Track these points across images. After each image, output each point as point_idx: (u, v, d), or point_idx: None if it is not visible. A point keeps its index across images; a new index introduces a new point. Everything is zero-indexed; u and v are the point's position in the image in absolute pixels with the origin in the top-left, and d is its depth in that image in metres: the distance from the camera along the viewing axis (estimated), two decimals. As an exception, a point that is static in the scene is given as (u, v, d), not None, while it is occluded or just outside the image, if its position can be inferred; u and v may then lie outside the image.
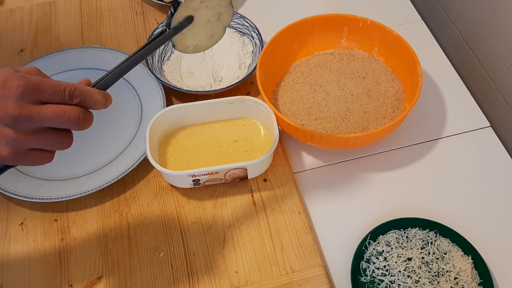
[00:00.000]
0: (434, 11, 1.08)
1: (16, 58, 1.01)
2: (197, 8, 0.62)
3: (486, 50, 0.92)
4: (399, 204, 0.80)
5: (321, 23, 0.92)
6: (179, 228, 0.78)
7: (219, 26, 0.66)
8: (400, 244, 0.74)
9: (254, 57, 0.95)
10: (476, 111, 0.91)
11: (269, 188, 0.81)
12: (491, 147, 0.86)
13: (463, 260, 0.72)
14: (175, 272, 0.74)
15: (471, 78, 0.99)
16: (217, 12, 0.65)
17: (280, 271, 0.73)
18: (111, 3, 1.10)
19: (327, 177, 0.84)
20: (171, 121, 0.84)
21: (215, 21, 0.65)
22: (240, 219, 0.78)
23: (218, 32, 0.67)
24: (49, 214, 0.80)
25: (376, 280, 0.71)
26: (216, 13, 0.64)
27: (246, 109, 0.84)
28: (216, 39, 0.67)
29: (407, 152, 0.86)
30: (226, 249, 0.76)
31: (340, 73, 0.92)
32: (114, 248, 0.76)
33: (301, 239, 0.76)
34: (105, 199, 0.81)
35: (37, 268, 0.75)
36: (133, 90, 0.93)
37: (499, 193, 0.81)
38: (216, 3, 0.64)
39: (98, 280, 0.74)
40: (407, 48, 0.86)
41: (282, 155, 0.85)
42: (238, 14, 0.99)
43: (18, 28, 1.07)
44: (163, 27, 0.76)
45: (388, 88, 0.89)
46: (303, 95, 0.89)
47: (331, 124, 0.85)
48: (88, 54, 0.98)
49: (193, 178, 0.77)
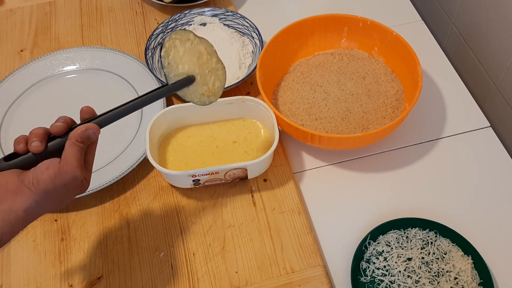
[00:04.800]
0: (434, 11, 1.08)
1: (16, 58, 1.01)
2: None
3: (486, 50, 0.92)
4: (399, 204, 0.80)
5: (321, 23, 0.92)
6: (179, 228, 0.78)
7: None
8: (400, 244, 0.74)
9: (254, 57, 0.95)
10: (476, 111, 0.91)
11: (269, 188, 0.81)
12: (491, 147, 0.86)
13: (463, 260, 0.72)
14: (175, 272, 0.74)
15: (471, 78, 0.99)
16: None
17: (280, 271, 0.73)
18: (111, 3, 1.10)
19: (327, 177, 0.84)
20: (171, 121, 0.84)
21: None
22: (240, 219, 0.78)
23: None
24: (49, 214, 0.80)
25: (376, 280, 0.71)
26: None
27: (246, 109, 0.84)
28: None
29: (407, 152, 0.86)
30: (226, 249, 0.76)
31: (340, 73, 0.92)
32: (114, 248, 0.76)
33: (301, 239, 0.76)
34: (105, 199, 0.81)
35: (37, 268, 0.75)
36: (133, 90, 0.93)
37: (499, 193, 0.81)
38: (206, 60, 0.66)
39: (98, 280, 0.74)
40: (407, 48, 0.86)
41: (282, 155, 0.85)
42: (238, 14, 0.99)
43: (18, 28, 1.07)
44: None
45: (388, 88, 0.89)
46: (303, 95, 0.89)
47: (331, 124, 0.85)
48: (88, 54, 0.98)
49: (193, 178, 0.77)
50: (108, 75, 0.95)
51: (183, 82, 0.64)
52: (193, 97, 0.66)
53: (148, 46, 0.94)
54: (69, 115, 0.59)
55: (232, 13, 0.99)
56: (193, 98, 0.66)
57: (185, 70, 0.64)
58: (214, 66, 0.66)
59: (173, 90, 0.63)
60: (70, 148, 0.55)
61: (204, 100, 0.66)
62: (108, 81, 0.95)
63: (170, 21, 0.99)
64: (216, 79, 0.66)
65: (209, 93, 0.66)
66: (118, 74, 0.95)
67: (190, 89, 0.65)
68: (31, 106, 0.92)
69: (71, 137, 0.55)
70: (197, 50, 0.65)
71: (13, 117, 0.91)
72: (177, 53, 0.64)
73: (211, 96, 0.66)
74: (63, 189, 0.54)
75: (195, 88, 0.65)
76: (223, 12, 1.00)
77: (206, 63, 0.65)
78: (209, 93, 0.66)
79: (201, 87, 0.65)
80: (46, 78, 0.95)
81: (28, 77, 0.95)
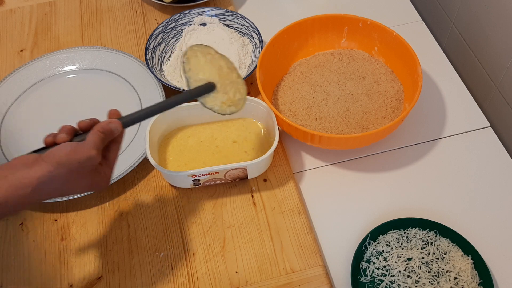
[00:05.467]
0: (434, 11, 1.08)
1: (16, 58, 1.01)
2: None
3: (486, 50, 0.92)
4: (399, 204, 0.80)
5: (321, 23, 0.92)
6: (179, 228, 0.78)
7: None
8: (400, 244, 0.74)
9: (254, 57, 0.95)
10: (476, 111, 0.91)
11: (269, 188, 0.81)
12: (491, 147, 0.86)
13: (463, 260, 0.72)
14: (175, 272, 0.74)
15: (471, 78, 0.99)
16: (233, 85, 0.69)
17: (280, 271, 0.73)
18: (111, 3, 1.10)
19: (327, 177, 0.84)
20: (171, 121, 0.84)
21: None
22: (240, 219, 0.78)
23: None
24: (49, 214, 0.80)
25: (376, 280, 0.71)
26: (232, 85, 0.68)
27: (246, 109, 0.84)
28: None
29: (407, 152, 0.86)
30: (226, 249, 0.76)
31: (340, 73, 0.92)
32: (114, 248, 0.76)
33: (301, 239, 0.76)
34: (105, 199, 0.81)
35: (37, 268, 0.75)
36: (133, 90, 0.93)
37: (499, 193, 0.81)
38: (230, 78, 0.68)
39: (98, 280, 0.74)
40: (407, 48, 0.86)
41: (282, 155, 0.85)
42: (238, 14, 0.99)
43: (18, 28, 1.07)
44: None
45: (388, 88, 0.89)
46: (303, 95, 0.89)
47: (331, 124, 0.85)
48: (88, 54, 0.98)
49: (193, 178, 0.77)
50: (108, 75, 0.95)
51: (205, 87, 0.66)
52: (213, 104, 0.66)
53: (148, 46, 0.94)
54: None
55: (232, 13, 0.99)
56: (213, 105, 0.66)
57: (205, 76, 0.66)
58: (234, 80, 0.68)
59: (195, 95, 0.65)
60: (91, 135, 0.58)
61: (224, 108, 0.67)
62: (108, 81, 0.95)
63: (170, 21, 0.99)
64: (236, 91, 0.68)
65: (230, 102, 0.67)
66: (118, 74, 0.95)
67: (211, 96, 0.66)
68: (31, 106, 0.92)
69: (94, 127, 0.59)
70: (217, 63, 0.67)
71: (13, 117, 0.91)
72: (198, 62, 0.66)
73: (231, 106, 0.67)
74: (77, 167, 0.56)
75: (216, 96, 0.66)
76: (223, 12, 1.00)
77: (226, 75, 0.67)
78: (230, 103, 0.67)
79: (221, 95, 0.67)
80: (46, 78, 0.95)
81: (28, 77, 0.95)
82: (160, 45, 0.97)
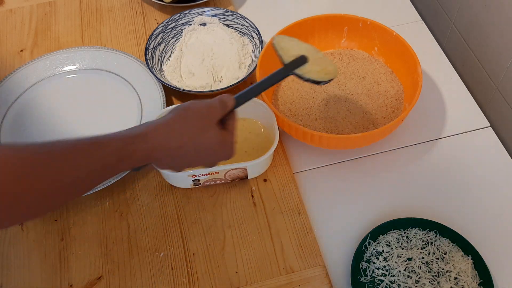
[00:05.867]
0: (434, 11, 1.08)
1: (16, 58, 1.01)
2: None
3: (486, 50, 0.92)
4: (399, 204, 0.80)
5: (321, 23, 0.92)
6: (179, 228, 0.78)
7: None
8: (400, 244, 0.74)
9: (254, 57, 0.95)
10: (476, 111, 0.91)
11: (269, 188, 0.81)
12: (491, 147, 0.86)
13: (463, 260, 0.72)
14: (175, 272, 0.74)
15: (471, 78, 0.99)
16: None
17: (280, 271, 0.73)
18: (111, 3, 1.10)
19: (327, 177, 0.84)
20: (171, 121, 0.84)
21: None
22: (240, 219, 0.78)
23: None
24: (49, 214, 0.80)
25: (376, 280, 0.71)
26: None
27: (246, 109, 0.84)
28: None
29: (407, 152, 0.86)
30: (226, 249, 0.76)
31: (340, 73, 0.92)
32: (114, 248, 0.76)
33: (301, 239, 0.76)
34: (105, 200, 0.81)
35: (37, 268, 0.75)
36: (133, 90, 0.93)
37: (499, 193, 0.81)
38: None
39: (98, 280, 0.74)
40: (407, 48, 0.86)
41: (282, 155, 0.85)
42: (238, 14, 0.99)
43: (18, 28, 1.07)
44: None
45: (388, 88, 0.89)
46: (303, 95, 0.89)
47: (331, 124, 0.85)
48: (88, 54, 0.98)
49: (193, 178, 0.77)
50: (108, 75, 0.95)
51: (298, 61, 0.70)
52: (310, 75, 0.70)
53: (148, 46, 0.94)
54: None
55: (232, 13, 0.99)
56: (311, 76, 0.70)
57: (297, 53, 0.71)
58: (322, 57, 0.73)
59: (291, 68, 0.70)
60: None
61: (322, 76, 0.71)
62: (108, 81, 0.95)
63: (170, 21, 0.99)
64: (328, 64, 0.72)
65: (325, 71, 0.71)
66: (118, 74, 0.95)
67: (306, 67, 0.70)
68: (31, 106, 0.92)
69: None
70: (303, 46, 0.73)
71: (13, 117, 0.90)
72: (287, 44, 0.72)
73: (328, 74, 0.71)
74: (206, 111, 0.63)
75: (310, 68, 0.70)
76: (223, 12, 1.00)
77: (314, 54, 0.72)
78: (325, 72, 0.71)
79: (315, 66, 0.71)
80: (46, 78, 0.95)
81: (28, 77, 0.95)
82: (160, 45, 0.97)
